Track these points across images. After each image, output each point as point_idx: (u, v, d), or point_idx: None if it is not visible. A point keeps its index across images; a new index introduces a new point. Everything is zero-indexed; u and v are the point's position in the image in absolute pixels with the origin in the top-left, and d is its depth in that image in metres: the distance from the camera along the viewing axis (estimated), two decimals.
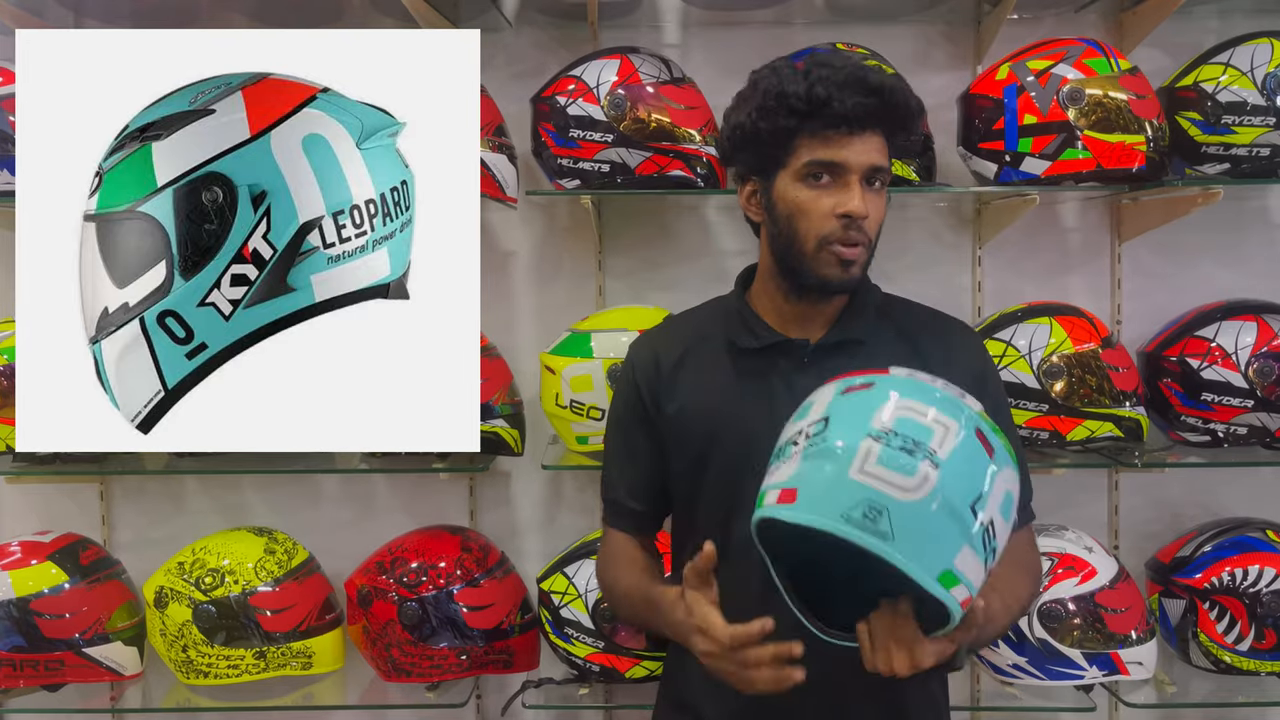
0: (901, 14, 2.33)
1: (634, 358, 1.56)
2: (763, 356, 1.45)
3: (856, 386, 1.16)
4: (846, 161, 1.35)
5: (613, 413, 1.60)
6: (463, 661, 2.09)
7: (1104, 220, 2.38)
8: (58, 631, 2.08)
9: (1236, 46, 2.05)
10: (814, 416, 1.16)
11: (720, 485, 1.44)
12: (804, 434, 1.15)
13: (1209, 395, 2.06)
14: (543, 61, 2.34)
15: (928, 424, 1.11)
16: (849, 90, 1.33)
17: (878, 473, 1.08)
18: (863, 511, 1.06)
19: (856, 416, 1.12)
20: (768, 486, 1.16)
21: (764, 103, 1.37)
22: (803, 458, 1.13)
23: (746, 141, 1.41)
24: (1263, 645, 2.04)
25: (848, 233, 1.37)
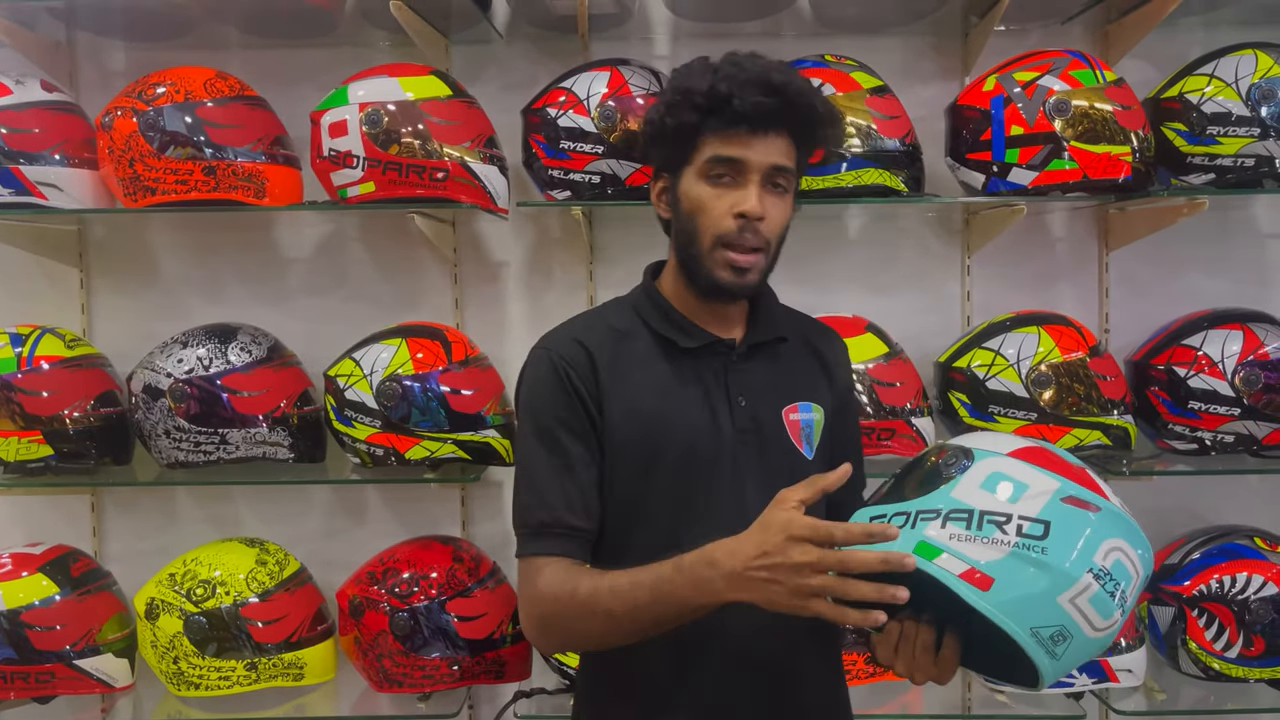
0: (890, 26, 2.35)
1: (563, 358, 1.41)
2: (696, 356, 1.44)
3: (1079, 501, 1.16)
4: (747, 160, 1.35)
5: (533, 424, 1.41)
6: (454, 672, 2.09)
7: (1091, 230, 2.39)
8: (48, 643, 2.08)
9: (1221, 58, 2.07)
10: (1029, 511, 1.13)
11: (669, 488, 1.40)
12: (1014, 524, 1.12)
13: (1196, 404, 2.07)
14: (533, 73, 2.35)
15: (1130, 571, 1.15)
16: (751, 88, 1.33)
17: (1084, 608, 1.11)
18: (1052, 634, 1.10)
19: (1080, 545, 1.12)
20: (945, 548, 1.13)
21: (671, 98, 1.38)
22: (1013, 554, 1.11)
23: (657, 137, 1.42)
24: (1251, 652, 2.05)
25: (743, 235, 1.36)
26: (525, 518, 1.39)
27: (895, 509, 1.20)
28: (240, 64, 2.33)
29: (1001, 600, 1.10)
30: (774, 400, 1.46)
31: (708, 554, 1.21)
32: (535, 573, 1.36)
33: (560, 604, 1.32)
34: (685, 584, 1.23)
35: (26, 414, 2.10)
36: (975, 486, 1.17)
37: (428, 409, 2.07)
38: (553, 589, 1.33)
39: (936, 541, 1.13)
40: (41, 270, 2.42)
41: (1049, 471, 1.18)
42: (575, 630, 1.35)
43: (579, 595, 1.30)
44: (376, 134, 2.01)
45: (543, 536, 1.37)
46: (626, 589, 1.27)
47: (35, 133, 2.10)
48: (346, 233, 2.44)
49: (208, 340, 2.14)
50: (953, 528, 1.14)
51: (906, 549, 1.13)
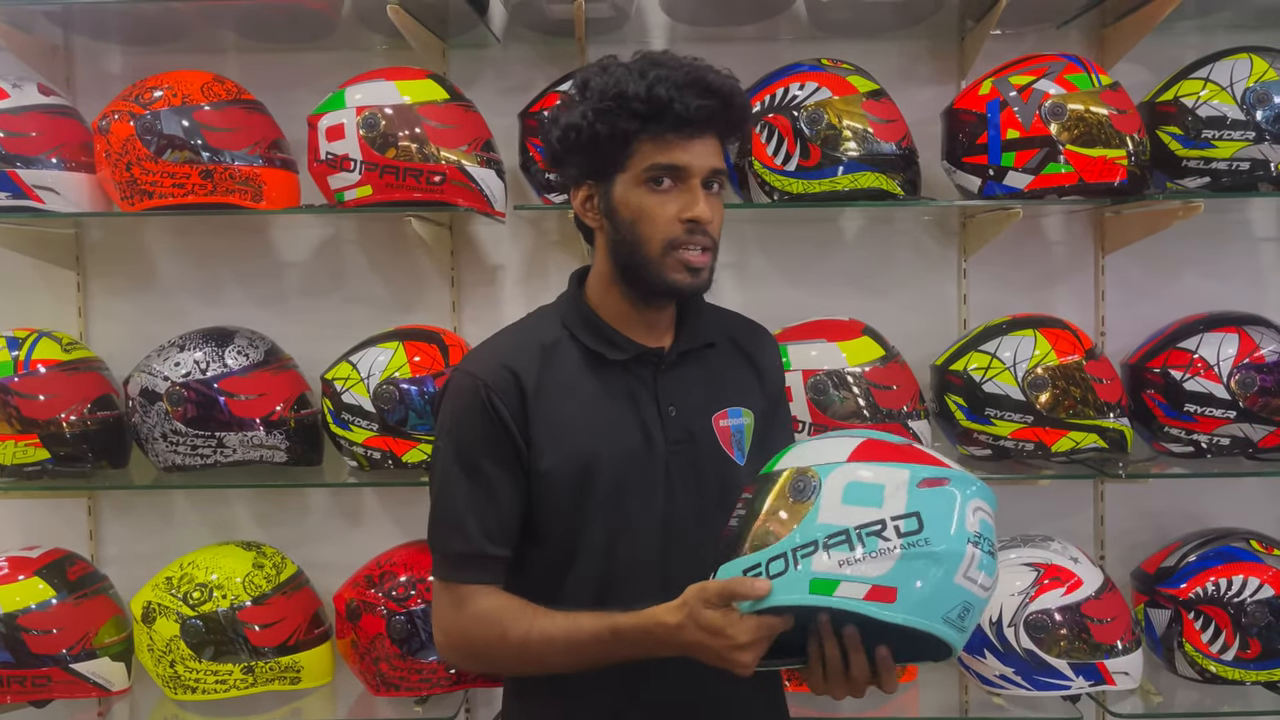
0: (886, 30, 2.35)
1: (484, 380, 1.35)
2: (624, 368, 1.41)
3: (932, 480, 1.17)
4: (689, 165, 1.32)
5: (453, 450, 1.36)
6: (451, 675, 2.08)
7: (1087, 233, 2.40)
8: (45, 647, 2.08)
9: (1216, 62, 2.08)
10: (894, 509, 1.14)
11: (606, 507, 1.37)
12: (891, 527, 1.13)
13: (1192, 406, 2.08)
14: (530, 77, 2.35)
15: (990, 520, 1.18)
16: (690, 91, 1.30)
17: (975, 576, 1.13)
18: (959, 613, 1.12)
19: (950, 519, 1.14)
20: (839, 576, 1.13)
21: (600, 103, 1.31)
22: (903, 557, 1.12)
23: (581, 144, 1.34)
24: (1248, 655, 2.05)
25: (693, 236, 1.34)
26: (444, 545, 1.38)
27: (768, 554, 1.17)
28: (237, 68, 2.34)
29: (909, 605, 1.11)
30: (704, 408, 1.43)
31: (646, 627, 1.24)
32: (459, 601, 1.36)
33: (488, 642, 1.34)
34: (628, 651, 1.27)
35: (23, 417, 2.10)
36: (837, 504, 1.16)
37: (425, 412, 2.07)
38: (479, 625, 1.34)
39: (828, 574, 1.13)
40: (38, 273, 2.42)
41: (892, 463, 1.19)
42: (503, 666, 1.41)
43: (510, 639, 1.31)
44: (373, 137, 2.01)
45: (462, 566, 1.36)
46: (562, 645, 1.29)
47: (32, 136, 2.10)
48: (343, 236, 2.44)
49: (205, 343, 2.14)
50: (837, 554, 1.13)
51: (801, 589, 1.14)
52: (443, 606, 1.38)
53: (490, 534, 1.36)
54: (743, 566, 1.19)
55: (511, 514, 1.37)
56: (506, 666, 1.40)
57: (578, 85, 1.36)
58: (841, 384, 2.06)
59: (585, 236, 1.48)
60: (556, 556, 1.39)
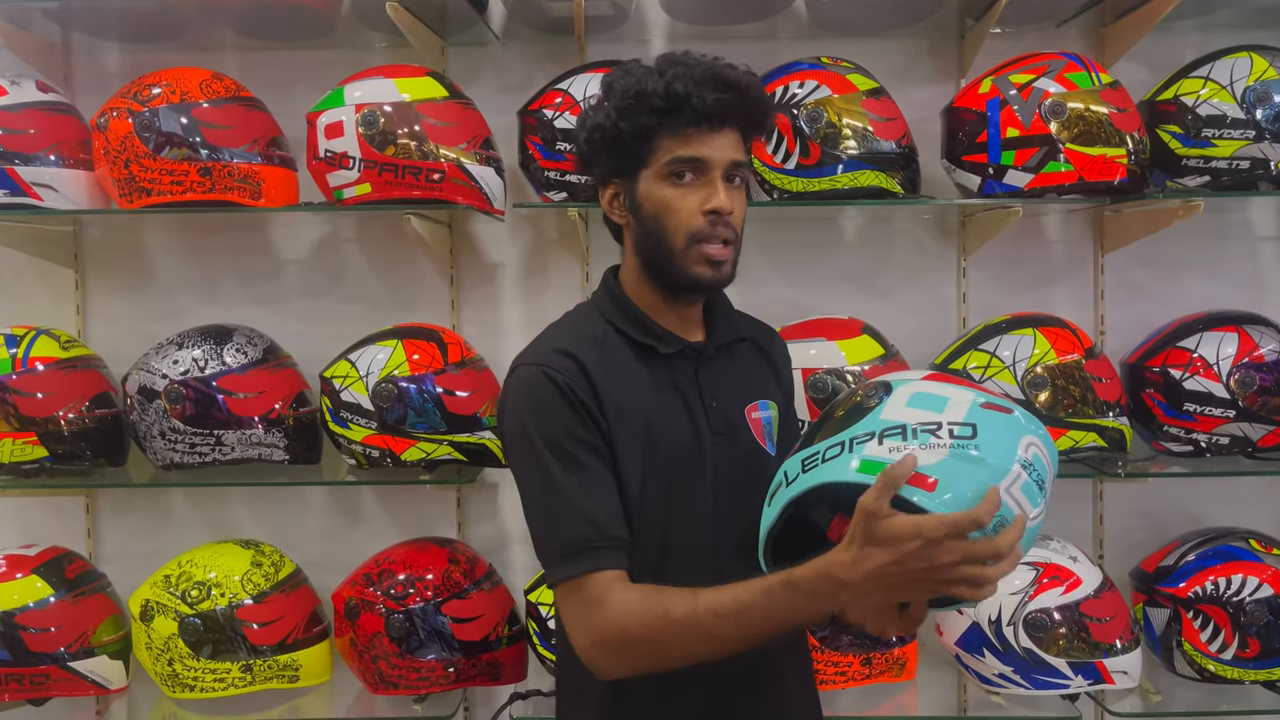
0: (886, 28, 2.35)
1: (560, 372, 1.35)
2: (669, 361, 1.44)
3: (994, 406, 1.24)
4: (709, 158, 1.36)
5: (545, 444, 1.33)
6: (450, 674, 2.08)
7: (1087, 232, 2.40)
8: (43, 645, 2.07)
9: (1216, 60, 2.08)
10: (954, 416, 1.20)
11: (663, 494, 1.39)
12: (946, 429, 1.19)
13: (1191, 405, 2.08)
14: (530, 75, 2.35)
15: (1046, 464, 1.22)
16: (707, 86, 1.34)
17: (1018, 496, 1.16)
18: (995, 525, 1.13)
19: (1006, 438, 1.20)
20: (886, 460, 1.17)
21: (622, 102, 1.36)
22: (950, 454, 1.17)
23: (606, 143, 1.39)
24: (1246, 654, 2.05)
25: (715, 229, 1.37)
26: (565, 538, 1.30)
27: (827, 444, 1.24)
28: (236, 65, 2.33)
29: (947, 498, 1.14)
30: (738, 400, 1.47)
31: (825, 572, 1.17)
32: (601, 592, 1.27)
33: (649, 627, 1.25)
34: (803, 602, 1.20)
35: (21, 415, 2.09)
36: (901, 406, 1.24)
37: (424, 410, 2.06)
38: (635, 610, 1.26)
39: (877, 457, 1.19)
40: (36, 271, 2.42)
41: (963, 386, 1.27)
42: (671, 653, 1.28)
43: (675, 617, 1.24)
44: (372, 135, 2.01)
45: (590, 553, 1.29)
46: (732, 611, 1.21)
47: (30, 133, 2.09)
48: (342, 234, 2.43)
49: (203, 341, 2.14)
50: (890, 442, 1.20)
51: (847, 470, 1.19)
52: (580, 608, 1.29)
53: (610, 515, 1.32)
54: (801, 459, 1.27)
55: (615, 495, 1.35)
56: (671, 651, 1.27)
57: (603, 87, 1.42)
58: (841, 382, 2.06)
59: (615, 235, 1.51)
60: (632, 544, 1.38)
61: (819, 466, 1.23)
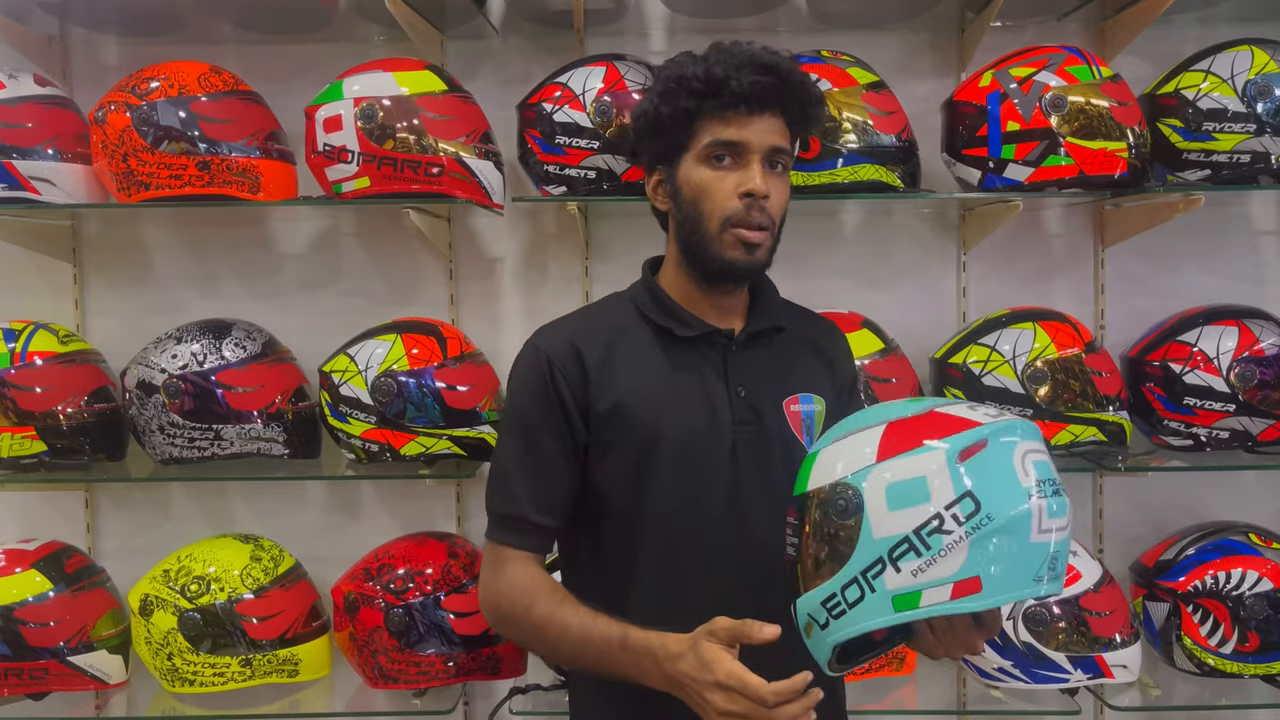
0: (886, 21, 2.35)
1: (548, 354, 1.43)
2: (693, 346, 1.45)
3: (971, 449, 1.13)
4: (747, 141, 1.37)
5: (514, 418, 1.46)
6: (450, 668, 2.08)
7: (1087, 226, 2.39)
8: (42, 640, 2.07)
9: (1217, 54, 2.07)
10: (943, 496, 1.11)
11: (670, 480, 1.40)
12: (950, 518, 1.10)
13: (1191, 400, 2.07)
14: (529, 69, 2.34)
15: (1046, 458, 1.16)
16: (746, 69, 1.36)
17: (1049, 525, 1.11)
18: (1048, 566, 1.11)
19: (1004, 482, 1.12)
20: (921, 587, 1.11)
21: (665, 87, 1.40)
22: (973, 544, 1.10)
23: (650, 129, 1.43)
24: (1246, 648, 2.05)
25: (750, 213, 1.37)
26: (494, 505, 1.46)
27: (840, 582, 1.16)
28: (234, 59, 2.33)
29: (998, 586, 1.10)
30: (774, 391, 1.46)
31: (651, 648, 1.25)
32: (499, 563, 1.43)
33: (513, 613, 1.40)
34: (627, 663, 1.28)
35: (20, 410, 2.09)
36: (885, 513, 1.14)
37: (423, 405, 2.06)
38: (510, 594, 1.40)
39: (906, 588, 1.12)
40: (35, 265, 2.41)
41: (922, 448, 1.15)
42: (522, 640, 1.47)
43: (531, 617, 1.37)
44: (371, 129, 2.00)
45: (509, 530, 1.44)
46: (575, 638, 1.33)
47: (28, 127, 2.09)
48: (341, 228, 2.43)
49: (202, 336, 2.13)
50: (906, 564, 1.12)
51: (887, 610, 1.13)
52: (488, 566, 1.46)
53: (537, 502, 1.42)
54: (819, 599, 1.18)
55: (560, 485, 1.43)
56: (525, 641, 1.45)
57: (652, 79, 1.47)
58: None
59: (662, 224, 1.52)
60: (625, 528, 1.42)
61: (849, 614, 1.15)
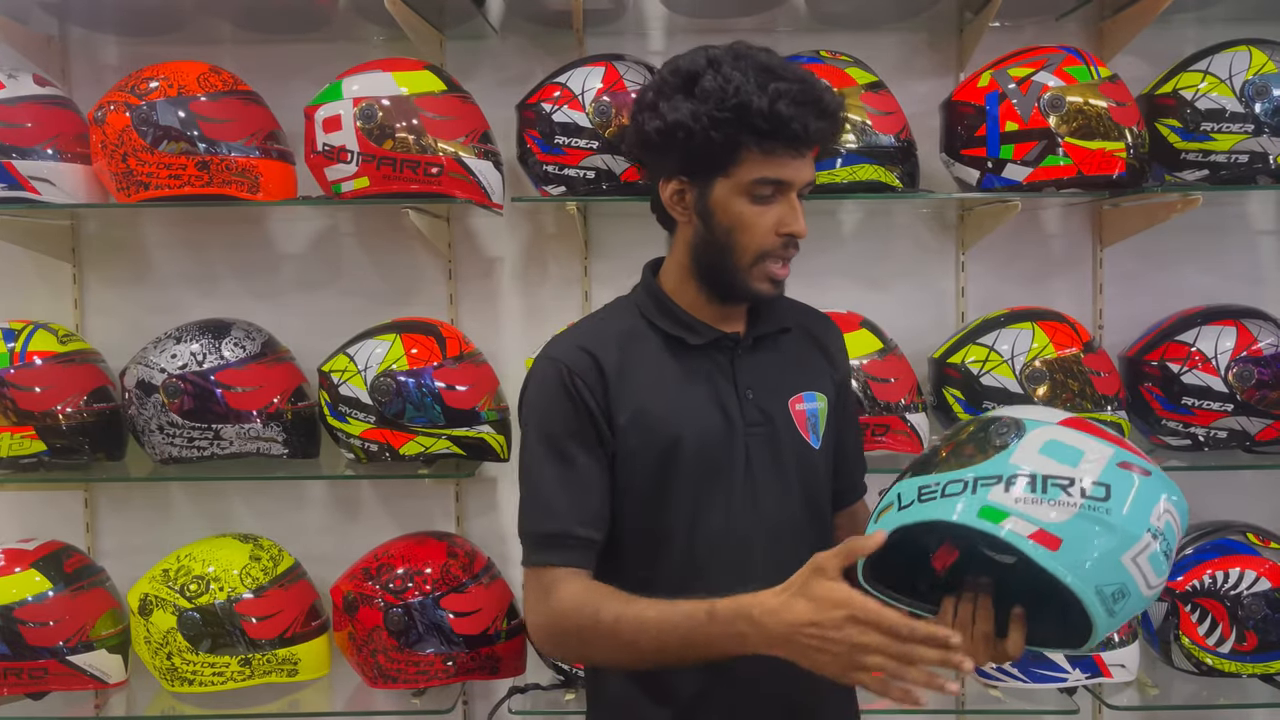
0: (884, 21, 2.35)
1: (566, 364, 1.38)
2: (702, 351, 1.44)
3: (1133, 466, 1.18)
4: (793, 180, 1.35)
5: (540, 435, 1.39)
6: (449, 667, 2.09)
7: (1085, 226, 2.40)
8: (41, 639, 2.07)
9: (1215, 54, 2.07)
10: (1088, 474, 1.15)
11: (689, 487, 1.40)
12: (1078, 487, 1.14)
13: (1189, 399, 2.08)
14: (528, 68, 2.34)
15: (1176, 532, 1.19)
16: (809, 111, 1.31)
17: (1143, 566, 1.13)
18: (1114, 592, 1.12)
19: (1141, 503, 1.15)
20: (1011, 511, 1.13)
21: (719, 112, 1.30)
22: (1079, 515, 1.13)
23: (685, 143, 1.33)
24: (1244, 647, 2.06)
25: (786, 249, 1.38)
26: (534, 527, 1.38)
27: (948, 477, 1.20)
28: (234, 59, 2.32)
29: (1070, 560, 1.11)
30: (780, 391, 1.46)
31: (745, 609, 1.19)
32: (551, 585, 1.34)
33: (580, 625, 1.31)
34: (719, 634, 1.21)
35: (19, 409, 2.09)
36: (1034, 452, 1.18)
37: (422, 404, 2.06)
38: (572, 607, 1.32)
39: (1002, 505, 1.14)
40: (34, 265, 2.41)
41: (1100, 439, 1.21)
42: (594, 652, 1.34)
43: (602, 620, 1.28)
44: (371, 129, 2.01)
45: (553, 548, 1.36)
46: (654, 627, 1.25)
47: (28, 127, 2.09)
48: (340, 228, 2.43)
49: (201, 335, 2.13)
50: (1017, 491, 1.15)
51: (971, 511, 1.15)
52: (534, 593, 1.37)
53: (580, 515, 1.36)
54: (918, 485, 1.21)
55: (600, 496, 1.39)
56: (599, 652, 1.33)
57: (682, 76, 1.35)
58: None
59: (664, 225, 1.49)
60: (646, 538, 1.40)
61: (936, 501, 1.19)
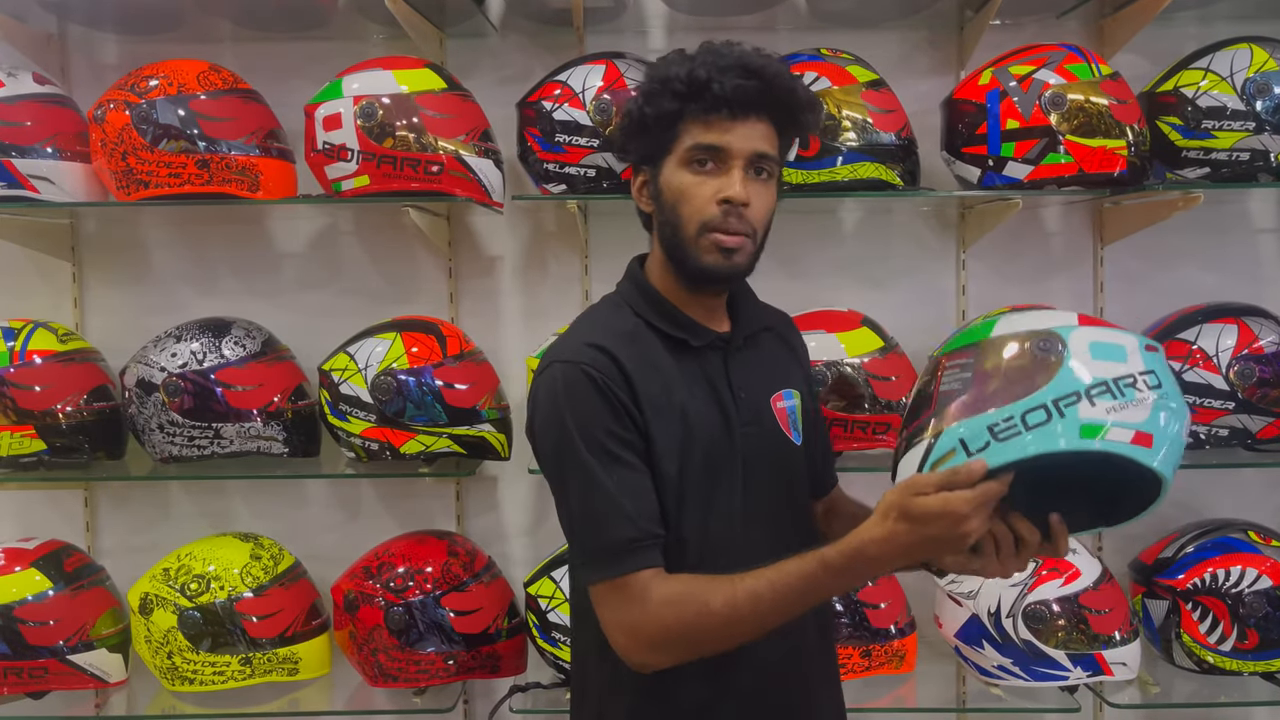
0: (885, 19, 2.35)
1: (596, 369, 1.34)
2: (698, 352, 1.43)
3: (1151, 346, 1.24)
4: (729, 146, 1.34)
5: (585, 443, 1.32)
6: (450, 666, 2.08)
7: (1086, 224, 2.39)
8: (41, 639, 2.07)
9: (1216, 52, 2.07)
10: (1138, 365, 1.20)
11: (699, 487, 1.39)
12: (1141, 381, 1.19)
13: (1191, 397, 2.07)
14: (529, 67, 2.34)
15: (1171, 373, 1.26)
16: (731, 73, 1.33)
17: (1187, 436, 1.22)
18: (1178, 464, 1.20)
19: (1174, 380, 1.23)
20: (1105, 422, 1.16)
21: (649, 87, 1.38)
22: (1154, 407, 1.17)
23: (635, 129, 1.40)
24: (1245, 645, 2.05)
25: (727, 219, 1.35)
26: (607, 539, 1.31)
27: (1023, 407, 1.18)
28: (233, 57, 2.32)
29: (1161, 450, 1.17)
30: (765, 390, 1.47)
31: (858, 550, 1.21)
32: (642, 591, 1.29)
33: (689, 622, 1.28)
34: (836, 580, 1.24)
35: (19, 408, 2.09)
36: (1088, 359, 1.20)
37: (423, 403, 2.06)
38: (676, 607, 1.28)
39: (1096, 420, 1.16)
40: (34, 264, 2.41)
41: (1117, 329, 1.25)
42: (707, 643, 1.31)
43: (715, 608, 1.26)
44: (371, 127, 2.00)
45: (633, 554, 1.30)
46: (770, 595, 1.24)
47: (27, 125, 2.09)
48: (341, 226, 2.43)
49: (201, 334, 2.13)
50: (1102, 402, 1.17)
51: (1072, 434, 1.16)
52: (621, 606, 1.30)
53: (648, 514, 1.32)
54: (988, 423, 1.19)
55: (652, 492, 1.35)
56: (712, 641, 1.30)
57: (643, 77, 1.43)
58: (840, 375, 2.06)
59: (645, 225, 1.49)
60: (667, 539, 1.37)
61: (1025, 434, 1.16)
